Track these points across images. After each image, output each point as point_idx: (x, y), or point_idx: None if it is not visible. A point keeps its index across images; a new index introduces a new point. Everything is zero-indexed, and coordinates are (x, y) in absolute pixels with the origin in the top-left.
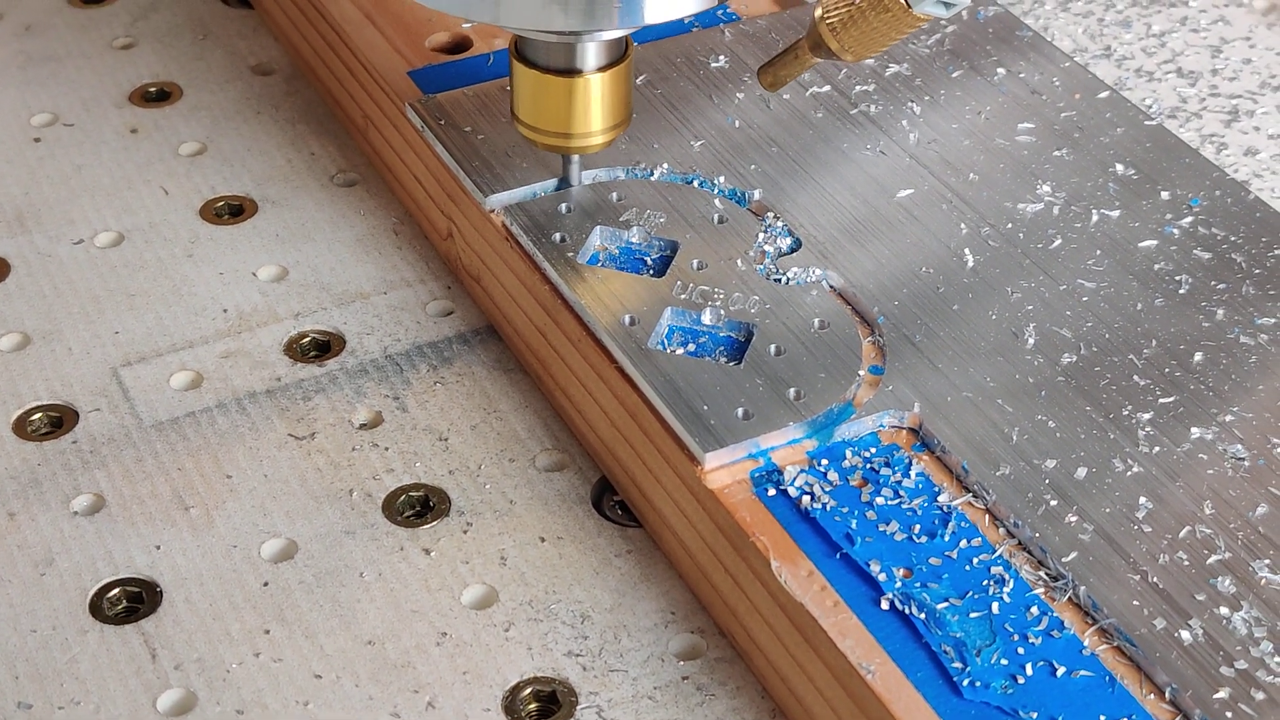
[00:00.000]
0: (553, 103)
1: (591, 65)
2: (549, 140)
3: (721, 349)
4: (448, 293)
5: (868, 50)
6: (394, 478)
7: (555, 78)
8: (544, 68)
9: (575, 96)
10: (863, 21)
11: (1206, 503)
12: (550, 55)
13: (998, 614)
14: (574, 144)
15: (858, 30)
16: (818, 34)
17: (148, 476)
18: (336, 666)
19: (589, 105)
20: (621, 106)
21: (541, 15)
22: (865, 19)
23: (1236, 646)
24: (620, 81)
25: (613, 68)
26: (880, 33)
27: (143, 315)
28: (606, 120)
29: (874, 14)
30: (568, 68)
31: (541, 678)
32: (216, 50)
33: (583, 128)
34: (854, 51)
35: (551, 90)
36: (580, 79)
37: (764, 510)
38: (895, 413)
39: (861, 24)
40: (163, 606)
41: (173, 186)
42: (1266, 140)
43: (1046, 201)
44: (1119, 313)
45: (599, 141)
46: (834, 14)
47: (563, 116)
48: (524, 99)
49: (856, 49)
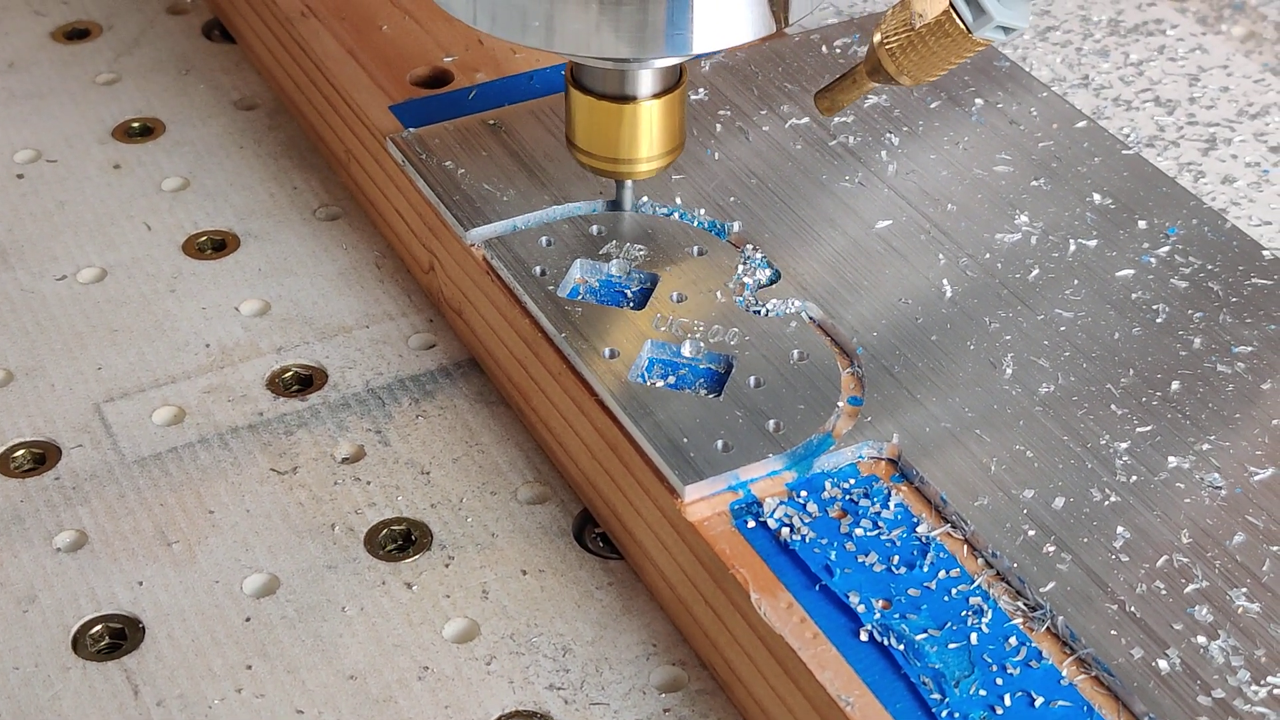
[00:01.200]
0: (606, 128)
1: (645, 92)
2: (602, 165)
3: (701, 381)
4: (430, 326)
5: (926, 74)
6: (376, 511)
7: (609, 103)
8: (598, 94)
9: (628, 123)
10: (921, 46)
11: (1184, 532)
12: (605, 81)
13: (976, 644)
14: (625, 169)
15: (916, 54)
16: (876, 59)
17: (130, 512)
18: (319, 702)
19: (642, 131)
20: (675, 133)
21: (593, 42)
22: (924, 43)
23: (1214, 675)
24: (674, 109)
25: (667, 95)
26: (939, 56)
27: (125, 351)
28: (659, 146)
29: (933, 39)
30: (621, 94)
31: (523, 711)
32: (199, 85)
33: (635, 154)
34: (912, 75)
35: (605, 116)
36: (633, 105)
37: (743, 542)
38: (874, 444)
39: (920, 48)
40: (145, 643)
41: (155, 222)
42: (1244, 168)
43: (1024, 231)
44: (1096, 342)
45: (652, 167)
46: (893, 39)
47: (616, 142)
48: (578, 124)
49: (915, 73)
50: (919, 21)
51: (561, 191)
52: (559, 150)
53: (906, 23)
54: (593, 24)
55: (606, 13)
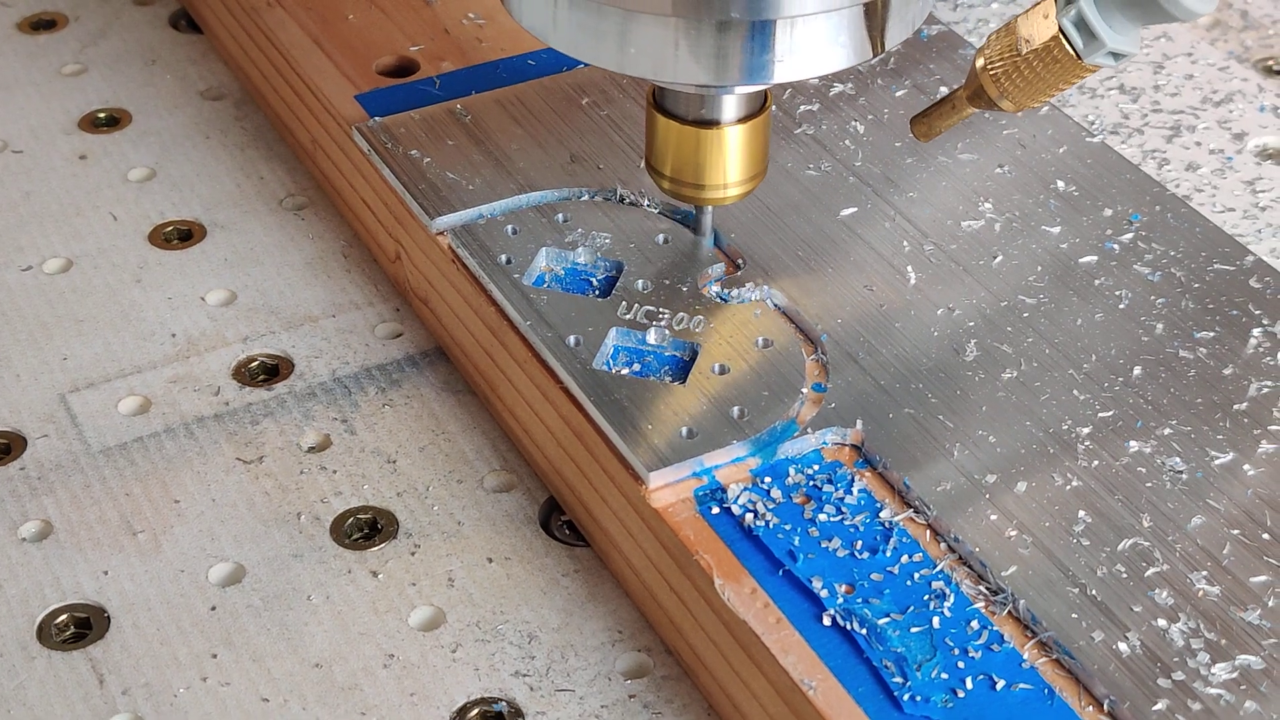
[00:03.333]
0: (688, 153)
1: (730, 116)
2: (683, 190)
3: (666, 368)
4: (396, 315)
5: (1031, 100)
6: (342, 500)
7: (690, 128)
8: (680, 118)
9: (712, 148)
10: (1028, 71)
11: (1145, 516)
12: (687, 105)
13: (938, 628)
14: (707, 195)
15: (1022, 79)
16: (978, 83)
17: (95, 502)
18: (284, 690)
19: (725, 157)
20: (758, 159)
21: (670, 68)
22: (1031, 68)
23: (1174, 658)
24: (758, 134)
25: (751, 119)
26: (1046, 82)
27: (91, 341)
28: (742, 172)
29: (1041, 64)
30: (704, 118)
31: (489, 698)
32: (166, 76)
33: (716, 179)
34: (1015, 100)
35: (686, 140)
36: (717, 130)
37: (708, 528)
38: (838, 430)
39: (1026, 73)
40: (110, 632)
41: (121, 212)
42: (1208, 155)
43: (988, 219)
44: (1059, 328)
45: (734, 194)
46: (997, 64)
47: (697, 167)
48: (658, 148)
49: (1019, 98)
50: (1025, 47)
51: (527, 180)
52: (525, 139)
53: (1012, 47)
54: (691, 50)
55: (694, 39)
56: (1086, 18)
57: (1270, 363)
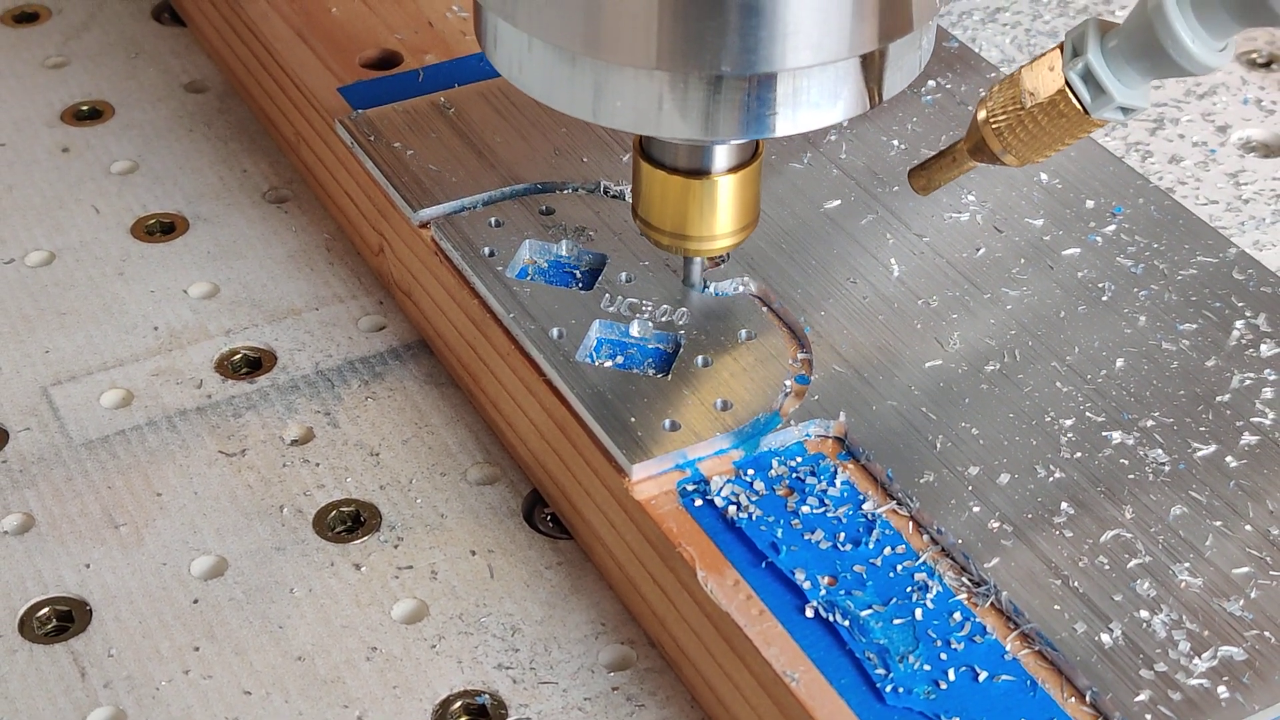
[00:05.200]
0: (675, 202)
1: (720, 166)
2: (670, 241)
3: (649, 361)
4: (380, 308)
5: (1035, 154)
6: (325, 493)
7: (679, 178)
8: (668, 166)
9: (701, 198)
10: (1032, 125)
11: (1127, 507)
12: (675, 154)
13: (921, 620)
14: (695, 246)
15: (1026, 133)
16: (979, 136)
17: (77, 495)
18: (266, 683)
19: (715, 207)
20: (750, 209)
21: (651, 122)
22: (1035, 122)
23: (1156, 649)
24: (749, 183)
25: (743, 169)
26: (1051, 136)
27: (73, 334)
28: (733, 223)
29: (1046, 118)
30: (693, 168)
31: (471, 690)
32: (149, 68)
33: (705, 230)
34: (1019, 155)
35: (672, 190)
36: (707, 180)
37: (690, 521)
38: (821, 422)
39: (1031, 127)
40: (92, 625)
41: (104, 205)
42: (1190, 148)
43: (971, 211)
44: (1042, 320)
45: (724, 245)
46: (1000, 117)
47: (685, 217)
48: (644, 197)
49: (1022, 152)
50: (1030, 100)
51: (510, 172)
52: (508, 131)
53: (1015, 100)
54: (683, 107)
55: (685, 95)
56: (1094, 71)
57: (1253, 355)
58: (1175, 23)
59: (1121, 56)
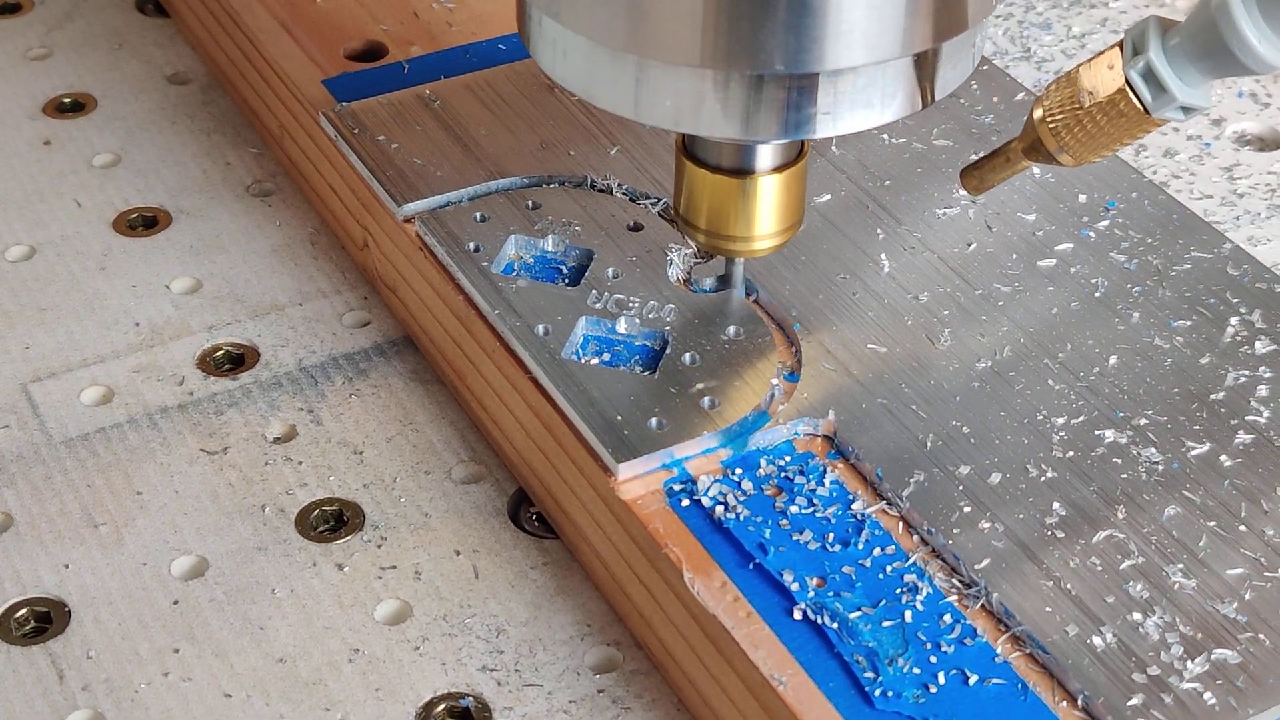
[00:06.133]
0: (719, 202)
1: (765, 166)
2: (713, 241)
3: (636, 358)
4: (364, 303)
5: (1091, 154)
6: (307, 492)
7: (722, 177)
8: (712, 165)
9: (744, 198)
10: (1090, 124)
11: (1120, 507)
12: (718, 152)
13: (910, 622)
14: (738, 247)
15: (1083, 132)
16: (1035, 135)
17: (57, 494)
18: (247, 685)
19: (758, 207)
20: (794, 209)
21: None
22: (1094, 121)
23: (1149, 652)
24: (794, 183)
25: (788, 168)
26: (1109, 135)
27: (54, 330)
28: (777, 224)
29: (1104, 117)
30: (738, 167)
31: (455, 693)
32: (132, 60)
33: (750, 230)
34: (1075, 154)
35: (718, 189)
36: (751, 179)
37: (677, 521)
38: (810, 420)
39: (1089, 126)
40: (71, 626)
41: (86, 199)
42: (1185, 141)
43: (963, 206)
44: (1034, 317)
45: (768, 245)
46: (1057, 116)
47: (728, 218)
48: (687, 196)
49: (1079, 151)
50: (1089, 99)
51: (496, 166)
52: (494, 125)
53: (1073, 99)
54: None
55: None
56: (1156, 70)
57: (1247, 352)
58: (1241, 22)
59: (1184, 55)
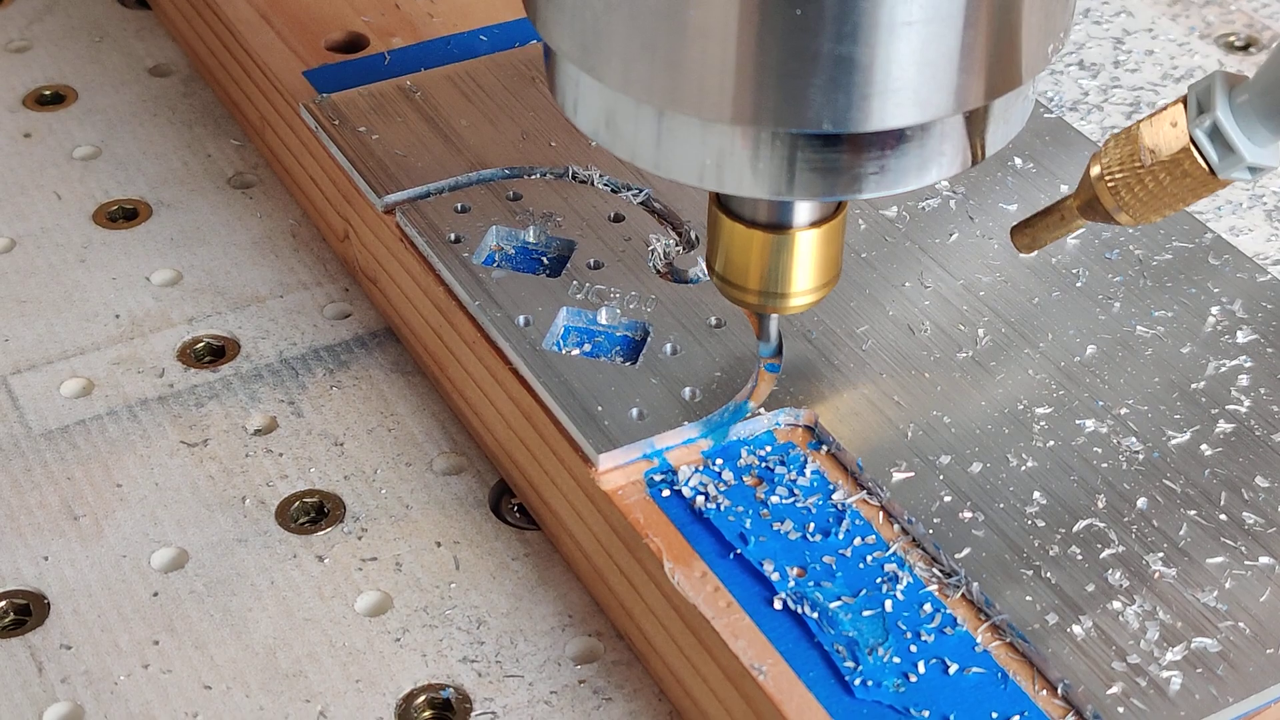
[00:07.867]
0: (753, 257)
1: (802, 220)
2: (746, 297)
3: (617, 349)
4: (345, 295)
5: (1152, 214)
6: (288, 484)
7: (756, 231)
8: (747, 220)
9: (780, 253)
10: (1151, 183)
11: (1100, 496)
12: (754, 208)
13: (891, 612)
14: (773, 304)
15: (1145, 192)
16: (1092, 193)
17: (36, 486)
18: (227, 677)
19: (795, 263)
20: (832, 264)
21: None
22: (1156, 180)
23: (1129, 640)
24: (832, 238)
25: (826, 223)
26: (1172, 195)
27: (33, 322)
28: (814, 280)
29: (1168, 177)
30: (772, 222)
31: (436, 684)
32: (113, 52)
33: (786, 287)
34: (1134, 214)
35: (752, 244)
36: (788, 234)
37: (658, 511)
38: (791, 411)
39: (1151, 184)
40: (50, 618)
41: (66, 191)
42: None
43: (944, 196)
44: (1015, 307)
45: (804, 302)
46: (1117, 173)
47: (763, 273)
48: (721, 250)
49: (1139, 211)
50: (1150, 158)
51: (477, 157)
52: (475, 116)
53: (1134, 156)
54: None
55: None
56: (1223, 128)
57: (1228, 341)
58: None
59: (1253, 113)
